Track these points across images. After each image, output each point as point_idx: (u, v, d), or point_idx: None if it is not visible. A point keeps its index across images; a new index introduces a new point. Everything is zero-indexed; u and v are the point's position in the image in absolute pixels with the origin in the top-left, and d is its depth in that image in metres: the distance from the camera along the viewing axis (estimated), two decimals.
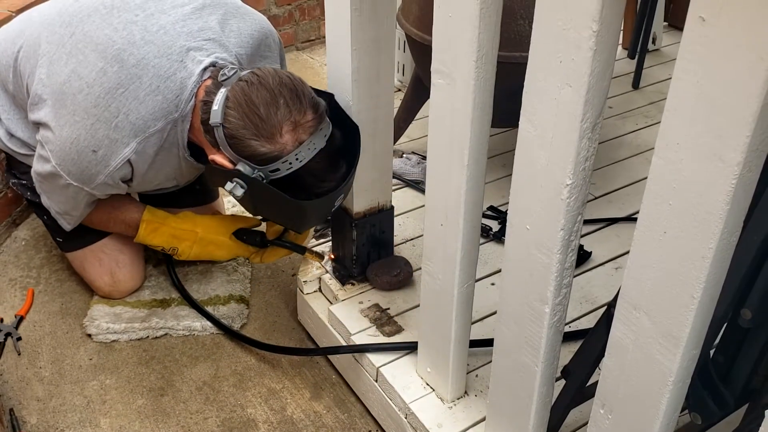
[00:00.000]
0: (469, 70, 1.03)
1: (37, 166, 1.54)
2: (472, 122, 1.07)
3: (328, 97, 1.42)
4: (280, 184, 1.33)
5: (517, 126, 2.10)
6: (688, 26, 0.72)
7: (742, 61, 0.68)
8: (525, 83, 0.94)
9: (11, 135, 1.68)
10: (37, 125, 1.50)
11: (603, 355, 1.10)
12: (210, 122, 1.33)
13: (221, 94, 1.33)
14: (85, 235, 1.75)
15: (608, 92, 0.90)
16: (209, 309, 1.77)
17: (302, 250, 1.69)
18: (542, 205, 0.97)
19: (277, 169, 1.32)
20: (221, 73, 1.37)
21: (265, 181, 1.33)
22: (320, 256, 1.68)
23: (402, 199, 1.97)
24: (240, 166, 1.33)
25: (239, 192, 1.34)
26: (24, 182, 1.73)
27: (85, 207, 1.60)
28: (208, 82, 1.40)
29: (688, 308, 0.83)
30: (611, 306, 1.09)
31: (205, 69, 1.43)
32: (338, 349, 1.56)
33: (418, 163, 2.07)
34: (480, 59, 1.02)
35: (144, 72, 1.40)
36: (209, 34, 1.47)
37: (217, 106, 1.32)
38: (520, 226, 1.02)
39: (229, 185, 1.34)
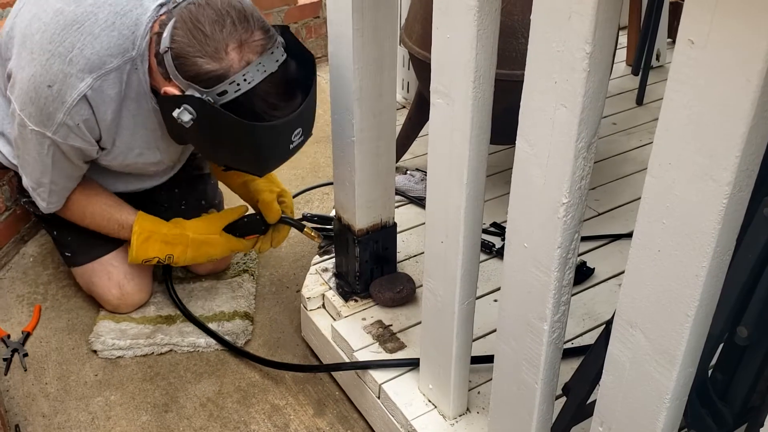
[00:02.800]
0: (467, 90, 1.05)
1: (14, 129, 1.52)
2: (471, 141, 1.08)
3: (282, 29, 1.41)
4: (231, 111, 1.31)
5: None
6: (677, 49, 0.74)
7: (730, 82, 0.69)
8: (521, 103, 0.95)
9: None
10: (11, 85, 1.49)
11: (602, 373, 1.11)
12: (160, 50, 1.35)
13: (171, 21, 1.34)
14: (93, 248, 1.77)
15: (603, 112, 0.91)
16: (214, 325, 1.78)
17: (301, 227, 1.73)
18: (539, 223, 0.98)
19: (225, 92, 1.30)
20: (172, 1, 1.40)
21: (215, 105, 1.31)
22: (318, 236, 1.73)
23: (405, 215, 1.98)
24: (189, 92, 1.32)
25: (187, 117, 1.31)
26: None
27: (55, 171, 1.53)
28: (164, 17, 1.40)
29: (683, 326, 0.84)
30: (610, 323, 1.09)
31: (161, 5, 1.42)
32: (341, 366, 1.57)
33: (422, 180, 2.08)
34: (478, 79, 1.04)
35: (100, 9, 1.41)
36: None
37: (166, 32, 1.34)
38: (518, 244, 1.03)
39: (176, 112, 1.32)
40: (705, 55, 0.71)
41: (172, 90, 1.36)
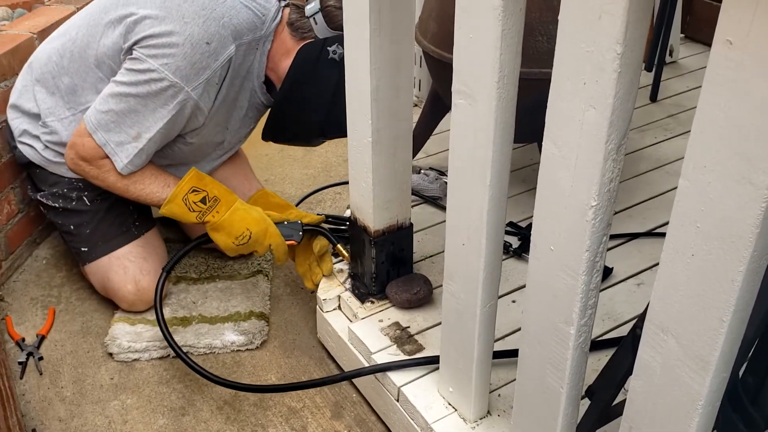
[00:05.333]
0: (491, 91, 1.03)
1: (121, 83, 1.59)
2: (494, 142, 1.07)
3: None
4: None
5: (536, 142, 2.09)
6: (714, 49, 0.72)
7: None
8: (548, 104, 0.94)
9: (47, 146, 1.76)
10: (131, 49, 1.59)
11: (628, 376, 1.09)
12: (306, 14, 1.67)
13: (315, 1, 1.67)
14: (110, 241, 1.78)
15: (633, 113, 0.89)
16: (230, 325, 1.77)
17: (335, 241, 1.73)
18: (567, 226, 0.96)
19: None
20: None
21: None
22: (348, 255, 1.71)
23: (420, 215, 1.96)
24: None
25: (341, 50, 1.60)
26: (55, 191, 1.78)
27: (162, 130, 1.61)
28: (288, 9, 1.70)
29: (717, 332, 0.82)
30: (637, 327, 1.08)
31: None
32: (361, 372, 1.53)
33: (436, 179, 2.06)
34: (502, 79, 1.02)
35: None
36: None
37: (313, 3, 1.66)
38: (544, 247, 1.02)
39: (333, 47, 1.65)
40: (744, 56, 0.69)
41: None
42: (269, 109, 1.80)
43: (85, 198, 1.78)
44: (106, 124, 1.61)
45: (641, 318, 1.03)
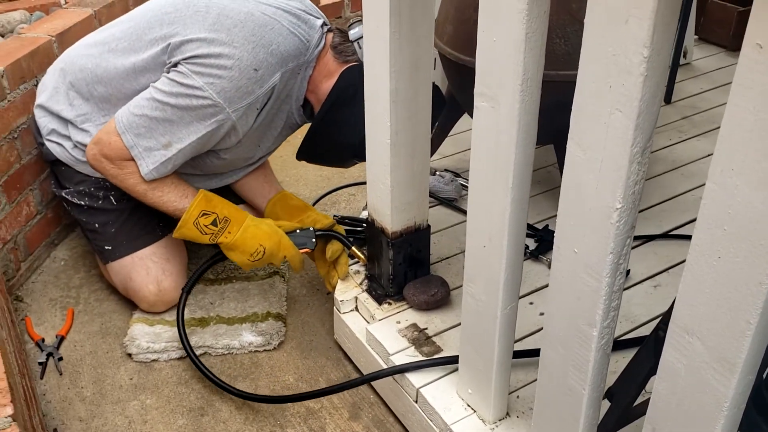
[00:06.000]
0: (515, 93, 1.03)
1: (161, 91, 1.60)
2: (517, 144, 1.07)
3: None
4: None
5: (552, 144, 2.08)
6: (744, 52, 0.72)
7: None
8: (573, 107, 0.94)
9: (76, 145, 1.78)
10: (176, 65, 1.61)
11: (649, 377, 1.10)
12: (350, 39, 1.70)
13: (358, 22, 1.66)
14: (135, 240, 1.80)
15: (658, 115, 0.89)
16: (248, 325, 1.78)
17: (349, 244, 1.73)
18: (591, 228, 0.97)
19: None
20: (326, 23, 1.75)
21: None
22: (363, 257, 1.72)
23: (436, 216, 1.97)
24: None
25: None
26: (81, 189, 1.80)
27: (194, 143, 1.62)
28: (331, 34, 1.73)
29: (743, 334, 0.82)
30: (659, 329, 1.08)
31: (321, 25, 1.73)
32: (380, 374, 1.53)
33: (452, 181, 2.07)
34: (525, 82, 1.03)
35: (283, 17, 1.66)
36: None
37: (357, 27, 1.68)
38: (567, 250, 1.02)
39: None
40: None
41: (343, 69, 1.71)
42: (306, 130, 1.78)
43: (111, 197, 1.79)
44: (137, 127, 1.62)
45: (664, 320, 1.04)
